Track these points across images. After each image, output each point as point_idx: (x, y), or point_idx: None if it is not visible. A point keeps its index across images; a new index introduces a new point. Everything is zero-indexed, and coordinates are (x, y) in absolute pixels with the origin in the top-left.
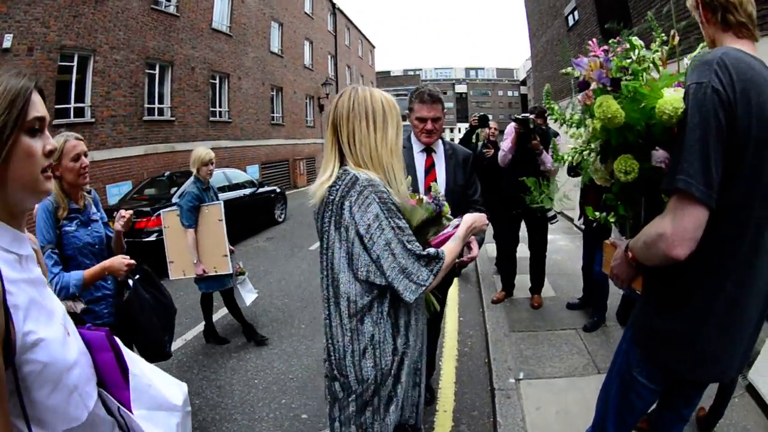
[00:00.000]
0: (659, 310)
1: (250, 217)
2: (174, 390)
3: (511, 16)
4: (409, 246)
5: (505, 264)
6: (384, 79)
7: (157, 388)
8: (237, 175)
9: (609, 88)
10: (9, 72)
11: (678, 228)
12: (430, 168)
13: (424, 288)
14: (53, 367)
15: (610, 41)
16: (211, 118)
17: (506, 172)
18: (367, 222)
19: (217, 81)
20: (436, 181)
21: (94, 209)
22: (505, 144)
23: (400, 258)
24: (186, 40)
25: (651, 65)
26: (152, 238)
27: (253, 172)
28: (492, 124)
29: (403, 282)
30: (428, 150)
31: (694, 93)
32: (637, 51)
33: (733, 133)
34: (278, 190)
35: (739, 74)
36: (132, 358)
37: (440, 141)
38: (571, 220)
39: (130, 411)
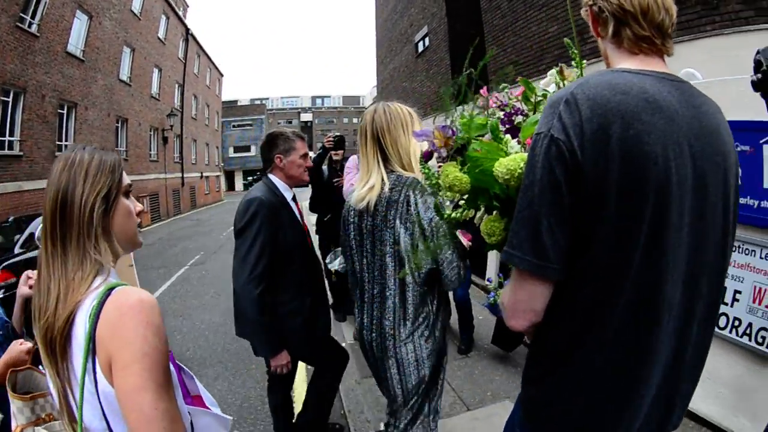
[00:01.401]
0: (530, 375)
1: None
2: None
3: (360, 44)
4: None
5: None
6: (230, 109)
7: None
8: None
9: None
10: (90, 147)
11: (511, 300)
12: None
13: (464, 278)
14: None
15: (502, 86)
16: (57, 153)
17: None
18: (430, 217)
19: (65, 111)
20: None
21: None
22: (349, 177)
23: (452, 251)
24: (41, 64)
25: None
26: None
27: None
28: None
29: (454, 270)
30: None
31: (531, 147)
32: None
33: (579, 186)
34: None
35: (597, 108)
36: None
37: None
38: None
39: None
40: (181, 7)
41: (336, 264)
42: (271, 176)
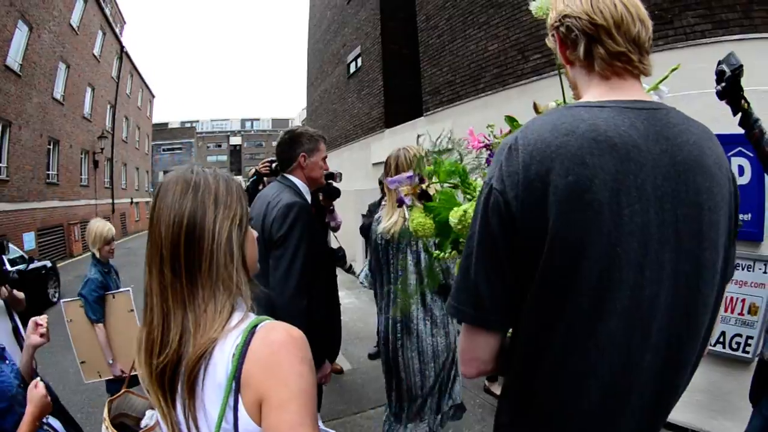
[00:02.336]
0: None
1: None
2: None
3: (291, 65)
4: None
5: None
6: (160, 132)
7: None
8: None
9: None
10: (206, 169)
11: (460, 348)
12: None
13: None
14: None
15: (488, 126)
16: None
17: None
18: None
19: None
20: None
21: None
22: None
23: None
24: None
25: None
26: None
27: (29, 241)
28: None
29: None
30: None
31: (477, 198)
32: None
33: (515, 238)
34: (49, 265)
35: (536, 153)
36: None
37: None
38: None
39: None
40: (118, 23)
41: (362, 277)
42: (291, 177)
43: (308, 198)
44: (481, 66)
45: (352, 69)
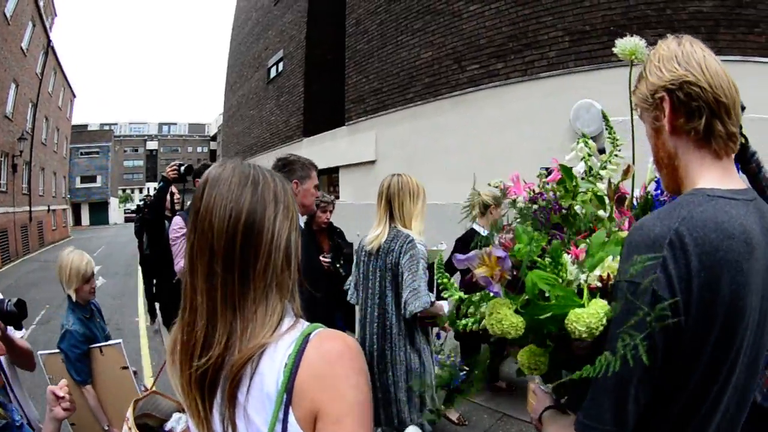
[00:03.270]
0: None
1: None
2: None
3: (211, 68)
4: (421, 282)
5: None
6: (79, 134)
7: None
8: None
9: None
10: (259, 165)
11: None
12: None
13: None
14: None
15: (539, 174)
16: None
17: None
18: (410, 264)
19: None
20: None
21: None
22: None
23: (415, 284)
24: None
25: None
26: None
27: None
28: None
29: (412, 298)
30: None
31: (625, 299)
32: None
33: (676, 349)
34: None
35: (706, 258)
36: None
37: None
38: None
39: None
40: (49, 15)
41: (349, 294)
42: None
43: (301, 223)
44: (412, 75)
45: (273, 74)
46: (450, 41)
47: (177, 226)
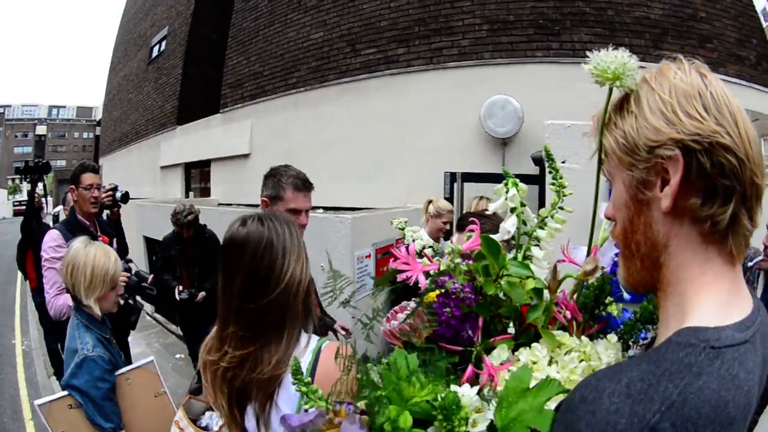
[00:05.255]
0: None
1: None
2: None
3: (104, 47)
4: None
5: None
6: None
7: None
8: None
9: None
10: (275, 217)
11: None
12: None
13: None
14: None
15: (399, 224)
16: None
17: None
18: None
19: None
20: None
21: None
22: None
23: None
24: None
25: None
26: None
27: None
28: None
29: None
30: None
31: None
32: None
33: None
34: None
35: None
36: None
37: None
38: None
39: None
40: None
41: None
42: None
43: None
44: (298, 57)
45: (155, 53)
46: (346, 21)
47: (54, 243)
